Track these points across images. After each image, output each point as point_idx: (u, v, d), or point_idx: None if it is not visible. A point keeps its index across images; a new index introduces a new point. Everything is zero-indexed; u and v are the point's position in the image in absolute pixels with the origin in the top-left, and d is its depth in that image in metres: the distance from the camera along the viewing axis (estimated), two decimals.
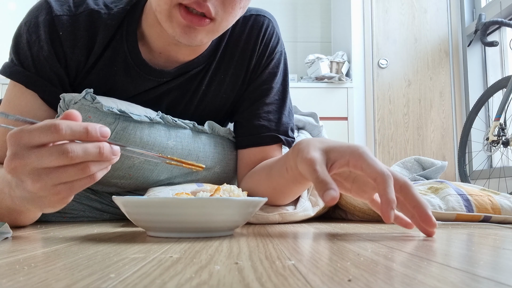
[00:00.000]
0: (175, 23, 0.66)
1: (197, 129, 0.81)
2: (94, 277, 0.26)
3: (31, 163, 0.41)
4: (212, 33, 0.69)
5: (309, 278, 0.26)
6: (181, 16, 0.64)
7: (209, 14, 0.64)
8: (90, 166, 0.43)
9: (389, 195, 0.47)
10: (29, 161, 0.41)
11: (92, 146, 0.42)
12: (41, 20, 0.71)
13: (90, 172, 0.43)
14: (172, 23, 0.66)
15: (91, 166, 0.43)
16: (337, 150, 0.53)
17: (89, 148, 0.42)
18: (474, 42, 2.76)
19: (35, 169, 0.42)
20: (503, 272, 0.28)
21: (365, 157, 0.50)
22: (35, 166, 0.41)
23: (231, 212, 0.47)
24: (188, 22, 0.65)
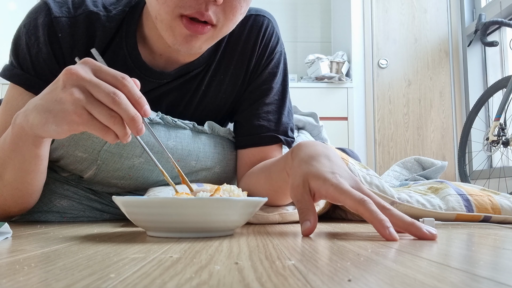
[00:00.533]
0: (177, 33, 0.65)
1: (197, 129, 0.81)
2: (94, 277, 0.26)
3: (88, 81, 0.48)
4: (212, 39, 0.69)
5: (309, 278, 0.26)
6: (185, 27, 0.64)
7: (210, 21, 0.64)
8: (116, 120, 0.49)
9: (378, 216, 0.48)
10: (88, 79, 0.48)
11: (132, 110, 0.49)
12: (40, 22, 0.71)
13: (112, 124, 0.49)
14: (173, 33, 0.66)
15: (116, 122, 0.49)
16: (317, 178, 0.53)
17: (130, 109, 0.49)
18: (474, 42, 2.76)
19: (85, 87, 0.48)
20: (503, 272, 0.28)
21: (340, 188, 0.51)
22: (88, 87, 0.48)
23: (231, 212, 0.47)
24: (192, 32, 0.65)
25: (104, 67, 0.50)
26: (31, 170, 0.63)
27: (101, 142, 0.72)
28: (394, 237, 0.46)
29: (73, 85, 0.49)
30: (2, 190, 0.65)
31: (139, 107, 0.50)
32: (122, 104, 0.48)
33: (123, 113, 0.48)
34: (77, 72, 0.49)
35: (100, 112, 0.49)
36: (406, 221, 0.49)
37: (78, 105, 0.49)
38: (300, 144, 0.61)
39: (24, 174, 0.63)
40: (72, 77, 0.49)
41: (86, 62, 0.50)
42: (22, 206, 0.70)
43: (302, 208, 0.53)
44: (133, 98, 0.49)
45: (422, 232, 0.48)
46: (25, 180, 0.64)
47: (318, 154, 0.57)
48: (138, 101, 0.50)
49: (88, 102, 0.48)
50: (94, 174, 0.76)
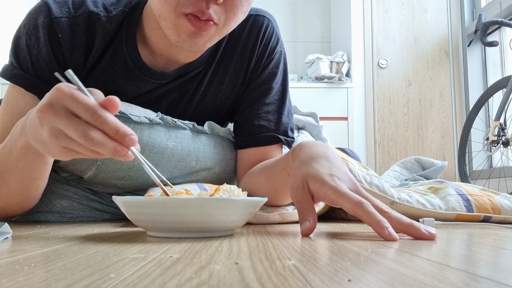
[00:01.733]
0: (182, 30, 0.66)
1: (197, 129, 0.81)
2: (94, 277, 0.26)
3: (58, 122, 0.46)
4: (214, 37, 0.69)
5: (309, 278, 0.26)
6: (191, 24, 0.64)
7: (212, 20, 0.65)
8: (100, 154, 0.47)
9: (376, 218, 0.48)
10: (58, 120, 0.46)
11: (110, 145, 0.46)
12: (40, 23, 0.71)
13: (97, 156, 0.48)
14: (178, 30, 0.66)
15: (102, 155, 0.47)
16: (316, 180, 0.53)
17: (107, 145, 0.46)
18: (474, 42, 2.76)
19: (58, 128, 0.46)
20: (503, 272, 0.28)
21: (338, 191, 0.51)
22: (60, 127, 0.46)
23: (231, 212, 0.47)
24: (197, 28, 0.65)
25: (77, 96, 0.45)
26: (39, 177, 0.63)
27: None
28: (393, 237, 0.46)
29: (48, 128, 0.47)
30: (6, 196, 0.65)
31: (120, 140, 0.46)
32: (97, 145, 0.45)
33: (101, 150, 0.46)
34: (46, 113, 0.46)
35: (80, 149, 0.47)
36: (404, 222, 0.49)
37: (60, 146, 0.47)
38: (301, 144, 0.61)
39: (30, 181, 0.63)
40: (44, 119, 0.46)
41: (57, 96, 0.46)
42: (24, 209, 0.70)
43: (301, 209, 0.53)
44: (111, 133, 0.46)
45: (421, 233, 0.48)
46: (31, 186, 0.64)
47: (318, 155, 0.57)
48: (116, 135, 0.46)
49: (66, 143, 0.47)
50: (94, 174, 0.76)
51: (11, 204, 0.67)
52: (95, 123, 0.45)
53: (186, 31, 0.65)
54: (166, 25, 0.67)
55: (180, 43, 0.67)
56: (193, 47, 0.68)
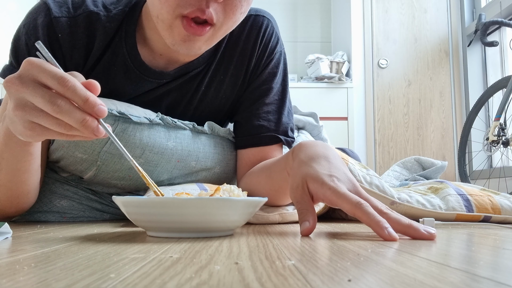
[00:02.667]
0: (176, 33, 0.65)
1: (197, 129, 0.81)
2: (94, 277, 0.26)
3: (24, 92, 0.44)
4: (211, 39, 0.69)
5: (309, 278, 0.26)
6: (183, 27, 0.64)
7: (210, 20, 0.64)
8: (67, 127, 0.45)
9: (375, 218, 0.48)
10: (24, 89, 0.44)
11: (79, 115, 0.44)
12: (40, 23, 0.71)
13: (65, 131, 0.46)
14: (172, 33, 0.66)
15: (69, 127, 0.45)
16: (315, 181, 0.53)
17: (76, 114, 0.44)
18: (474, 42, 2.76)
19: (24, 99, 0.45)
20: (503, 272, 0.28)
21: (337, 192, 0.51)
22: (26, 97, 0.45)
23: (231, 212, 0.47)
24: (191, 33, 0.65)
25: (45, 67, 0.44)
26: (25, 170, 0.63)
27: (101, 143, 0.72)
28: (393, 237, 0.46)
29: (14, 99, 0.46)
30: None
31: (89, 109, 0.44)
32: (63, 112, 0.44)
33: (68, 120, 0.44)
34: (15, 83, 0.45)
35: (46, 122, 0.45)
36: (403, 223, 0.49)
37: (25, 121, 0.46)
38: (301, 144, 0.61)
39: (17, 174, 0.63)
40: (11, 89, 0.45)
41: (24, 66, 0.45)
42: (18, 207, 0.69)
43: (301, 209, 0.53)
44: (79, 102, 0.44)
45: (421, 233, 0.48)
46: (19, 180, 0.64)
47: (317, 155, 0.57)
48: (85, 104, 0.44)
49: (32, 116, 0.45)
50: (94, 175, 0.76)
51: (3, 201, 0.66)
52: (62, 89, 0.44)
53: (180, 34, 0.65)
54: (163, 27, 0.66)
55: (175, 46, 0.67)
56: (189, 50, 0.68)
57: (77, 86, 0.44)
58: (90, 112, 0.45)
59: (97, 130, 0.45)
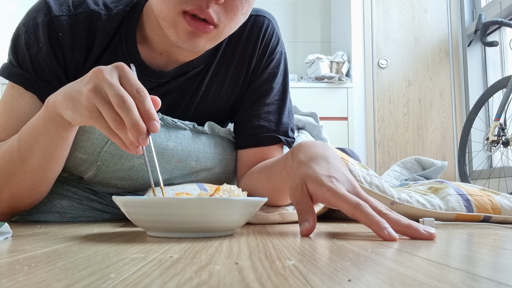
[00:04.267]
0: (180, 29, 0.66)
1: (197, 130, 0.81)
2: (94, 277, 0.26)
3: (105, 81, 0.50)
4: (215, 39, 0.69)
5: (309, 278, 0.26)
6: (187, 23, 0.65)
7: (211, 20, 0.65)
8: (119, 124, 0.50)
9: (374, 219, 0.48)
10: (108, 79, 0.50)
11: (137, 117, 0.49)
12: (40, 21, 0.71)
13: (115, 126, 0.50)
14: (176, 29, 0.66)
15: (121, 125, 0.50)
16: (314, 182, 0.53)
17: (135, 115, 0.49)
18: (474, 42, 2.76)
19: (102, 86, 0.50)
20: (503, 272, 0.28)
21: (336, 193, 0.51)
22: (104, 86, 0.50)
23: (231, 212, 0.47)
24: (194, 28, 0.65)
25: (131, 76, 0.52)
26: (56, 155, 0.65)
27: (101, 144, 0.72)
28: (393, 237, 0.46)
29: (94, 83, 0.51)
30: (22, 178, 0.65)
31: (146, 119, 0.50)
32: (126, 108, 0.49)
33: (125, 117, 0.49)
34: (102, 72, 0.51)
35: (106, 112, 0.50)
36: (403, 224, 0.49)
37: (90, 101, 0.51)
38: (301, 144, 0.61)
39: (49, 159, 0.64)
40: (97, 76, 0.51)
41: (117, 66, 0.53)
42: (35, 197, 0.70)
43: (300, 209, 0.53)
44: (142, 109, 0.50)
45: (420, 233, 0.48)
46: (48, 166, 0.65)
47: (317, 155, 0.57)
48: (146, 113, 0.50)
49: (99, 101, 0.50)
50: (94, 175, 0.76)
51: (25, 188, 0.67)
52: (135, 93, 0.50)
53: (184, 30, 0.66)
54: (166, 24, 0.67)
55: (180, 43, 0.67)
56: (193, 47, 0.68)
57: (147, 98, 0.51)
58: (146, 121, 0.50)
59: (142, 139, 0.49)
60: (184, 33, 0.66)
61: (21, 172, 0.65)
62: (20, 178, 0.65)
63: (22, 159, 0.64)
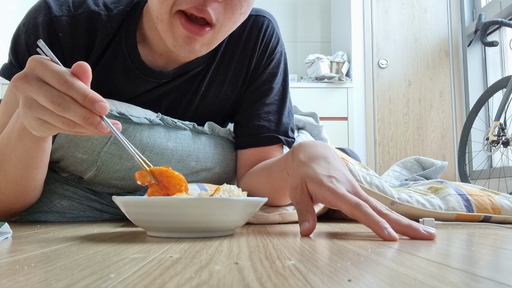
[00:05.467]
0: (177, 34, 0.65)
1: (197, 130, 0.81)
2: (94, 277, 0.26)
3: (29, 90, 0.46)
4: (211, 42, 0.69)
5: (309, 278, 0.26)
6: (181, 25, 0.64)
7: (209, 19, 0.64)
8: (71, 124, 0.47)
9: (374, 219, 0.48)
10: (29, 88, 0.46)
11: (81, 112, 0.46)
12: (40, 21, 0.71)
13: (70, 128, 0.47)
14: (173, 33, 0.66)
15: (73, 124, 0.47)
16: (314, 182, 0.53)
17: (77, 112, 0.45)
18: (474, 42, 2.76)
19: (30, 97, 0.47)
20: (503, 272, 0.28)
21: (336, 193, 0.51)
22: (31, 95, 0.47)
23: (231, 212, 0.47)
24: (188, 31, 0.64)
25: (47, 64, 0.46)
26: (36, 165, 0.64)
27: (101, 144, 0.72)
28: (393, 237, 0.46)
29: (21, 96, 0.48)
30: (5, 187, 0.65)
31: (89, 106, 0.46)
32: (65, 110, 0.45)
33: (71, 117, 0.46)
34: (19, 82, 0.47)
35: (52, 120, 0.47)
36: (403, 224, 0.49)
37: (34, 118, 0.48)
38: (301, 144, 0.61)
39: (28, 170, 0.63)
40: (18, 88, 0.47)
41: (30, 63, 0.47)
42: (24, 203, 0.70)
43: (300, 209, 0.53)
44: (78, 99, 0.45)
45: (420, 233, 0.48)
46: (29, 176, 0.65)
47: (317, 155, 0.57)
48: (84, 101, 0.45)
49: (39, 113, 0.47)
50: (94, 175, 0.76)
51: (10, 196, 0.67)
52: (62, 88, 0.45)
53: (181, 35, 0.65)
54: (163, 28, 0.66)
55: (177, 48, 0.67)
56: (190, 52, 0.68)
57: (75, 84, 0.45)
58: (91, 109, 0.46)
59: (100, 126, 0.47)
60: (180, 37, 0.66)
61: (3, 182, 0.65)
62: (3, 187, 0.65)
63: (3, 170, 0.63)
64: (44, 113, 0.47)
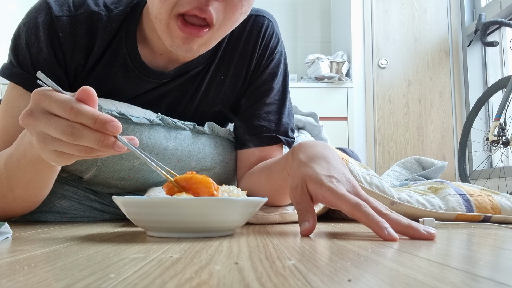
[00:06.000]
0: (174, 35, 0.65)
1: (197, 130, 0.81)
2: (94, 277, 0.26)
3: (39, 126, 0.46)
4: (209, 42, 0.69)
5: (309, 278, 0.26)
6: (179, 28, 0.64)
7: (210, 19, 0.64)
8: (88, 150, 0.46)
9: (374, 219, 0.48)
10: (39, 123, 0.45)
11: (94, 136, 0.45)
12: (41, 21, 0.71)
13: (87, 154, 0.46)
14: (171, 34, 0.66)
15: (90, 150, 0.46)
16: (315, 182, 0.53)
17: (91, 137, 0.44)
18: (474, 42, 2.76)
19: (41, 132, 0.46)
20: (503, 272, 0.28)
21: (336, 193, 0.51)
22: (42, 130, 0.46)
23: (231, 212, 0.47)
24: (187, 34, 0.64)
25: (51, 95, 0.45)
26: (45, 185, 0.64)
27: None
28: (393, 237, 0.46)
29: (33, 132, 0.47)
30: (11, 202, 0.65)
31: (101, 129, 0.44)
32: (79, 138, 0.44)
33: (86, 144, 0.45)
34: (27, 119, 0.46)
35: (69, 150, 0.46)
36: (403, 224, 0.49)
37: (50, 151, 0.47)
38: (301, 144, 0.61)
39: (37, 189, 0.64)
40: (28, 126, 0.47)
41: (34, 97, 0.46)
42: (28, 211, 0.71)
43: (300, 209, 0.53)
44: (89, 125, 0.44)
45: (420, 233, 0.48)
46: (39, 193, 0.65)
47: (317, 155, 0.57)
48: (96, 125, 0.44)
49: (54, 146, 0.46)
50: (94, 175, 0.76)
51: (15, 209, 0.67)
52: (70, 116, 0.44)
53: (178, 36, 0.65)
54: (161, 28, 0.66)
55: (174, 47, 0.67)
56: (187, 52, 0.67)
57: (82, 109, 0.44)
58: (104, 130, 0.44)
59: (117, 146, 0.45)
60: (178, 38, 0.66)
61: (9, 197, 0.65)
62: (9, 201, 0.65)
63: (11, 187, 0.63)
64: (59, 144, 0.46)
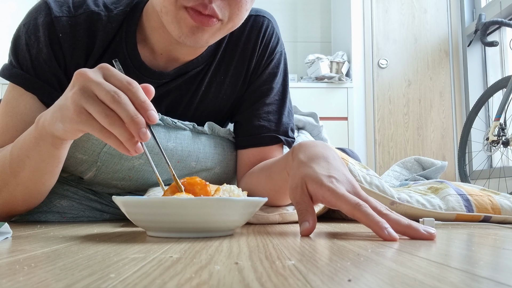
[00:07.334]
0: (183, 24, 0.65)
1: (197, 130, 0.81)
2: (94, 277, 0.26)
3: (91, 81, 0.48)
4: (219, 33, 0.69)
5: (309, 278, 0.26)
6: (191, 17, 0.64)
7: (215, 15, 0.64)
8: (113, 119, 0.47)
9: (374, 219, 0.48)
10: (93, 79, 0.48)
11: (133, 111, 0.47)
12: (40, 22, 0.71)
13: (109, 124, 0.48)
14: (179, 24, 0.65)
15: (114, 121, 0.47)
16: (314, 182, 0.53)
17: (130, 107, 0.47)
18: (474, 42, 2.76)
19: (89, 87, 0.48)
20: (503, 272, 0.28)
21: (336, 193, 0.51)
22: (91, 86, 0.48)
23: (231, 212, 0.47)
24: (199, 23, 0.64)
25: (117, 72, 0.50)
26: (47, 171, 0.64)
27: (101, 144, 0.72)
28: (393, 237, 0.46)
29: (79, 86, 0.49)
30: (14, 189, 0.65)
31: (143, 110, 0.48)
32: (121, 103, 0.47)
33: (121, 112, 0.47)
34: (85, 73, 0.49)
35: (96, 110, 0.48)
36: (403, 224, 0.49)
37: (77, 103, 0.49)
38: (301, 144, 0.61)
39: (40, 174, 0.64)
40: (80, 78, 0.49)
41: (100, 66, 0.51)
42: (28, 206, 0.70)
43: (300, 209, 0.53)
44: (137, 102, 0.48)
45: (420, 233, 0.48)
46: (40, 181, 0.65)
47: (317, 155, 0.57)
48: (142, 104, 0.48)
49: (86, 100, 0.48)
50: (94, 175, 0.76)
51: (17, 198, 0.67)
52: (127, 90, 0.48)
53: (188, 25, 0.65)
54: (168, 19, 0.66)
55: (182, 38, 0.67)
56: (196, 42, 0.67)
57: (139, 90, 0.49)
58: (143, 112, 0.48)
59: (143, 133, 0.47)
60: (187, 27, 0.65)
61: (12, 183, 0.65)
62: (12, 189, 0.65)
63: (14, 172, 0.64)
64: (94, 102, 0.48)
